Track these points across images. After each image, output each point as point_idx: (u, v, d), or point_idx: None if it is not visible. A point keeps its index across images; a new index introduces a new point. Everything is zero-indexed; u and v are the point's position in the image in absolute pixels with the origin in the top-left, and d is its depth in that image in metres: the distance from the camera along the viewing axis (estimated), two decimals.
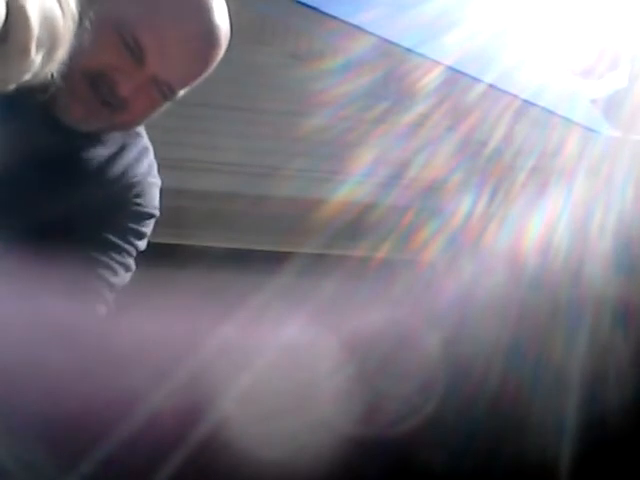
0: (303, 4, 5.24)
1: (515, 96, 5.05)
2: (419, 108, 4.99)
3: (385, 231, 4.82)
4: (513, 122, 5.02)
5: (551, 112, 5.06)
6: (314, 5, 5.23)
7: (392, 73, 5.15)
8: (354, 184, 4.82)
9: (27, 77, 1.01)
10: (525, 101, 5.06)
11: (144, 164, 1.57)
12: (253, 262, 4.85)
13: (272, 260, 4.79)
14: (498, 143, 4.96)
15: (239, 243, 5.01)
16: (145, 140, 1.59)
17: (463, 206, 4.88)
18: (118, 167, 1.52)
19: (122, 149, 1.53)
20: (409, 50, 5.18)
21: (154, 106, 1.48)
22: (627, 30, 2.62)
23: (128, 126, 1.49)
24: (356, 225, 4.79)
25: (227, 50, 1.64)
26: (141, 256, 1.71)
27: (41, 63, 1.01)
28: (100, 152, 1.51)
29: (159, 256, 4.89)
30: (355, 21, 5.16)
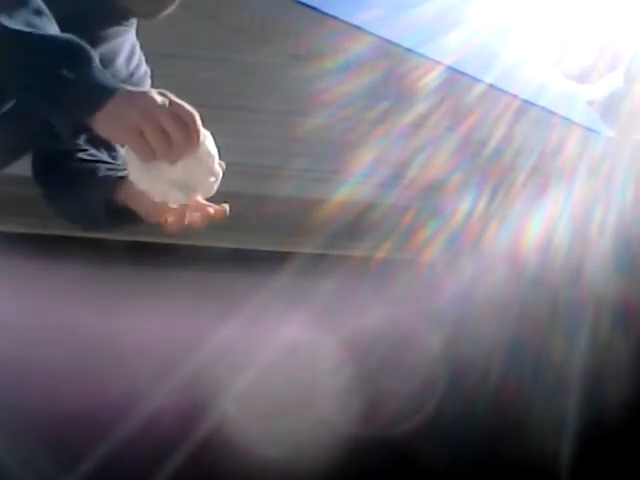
0: (303, 4, 5.24)
1: (515, 96, 5.05)
2: (419, 108, 4.99)
3: (385, 231, 4.82)
4: (513, 122, 5.01)
5: (551, 112, 5.06)
6: (314, 5, 5.23)
7: (392, 73, 5.15)
8: (354, 184, 4.81)
9: None
10: (525, 101, 5.06)
11: (143, 61, 1.92)
12: (253, 262, 4.85)
13: (272, 260, 4.79)
14: (498, 143, 4.95)
15: (239, 243, 5.00)
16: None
17: (463, 206, 4.88)
18: (135, 59, 1.87)
19: (134, 47, 1.87)
20: (409, 50, 5.18)
21: None
22: (623, 32, 2.63)
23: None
24: (356, 225, 4.78)
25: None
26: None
27: None
28: (126, 47, 1.83)
29: (159, 256, 4.90)
30: (355, 21, 5.16)
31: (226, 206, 1.45)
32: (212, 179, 1.44)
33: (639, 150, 3.64)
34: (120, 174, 1.59)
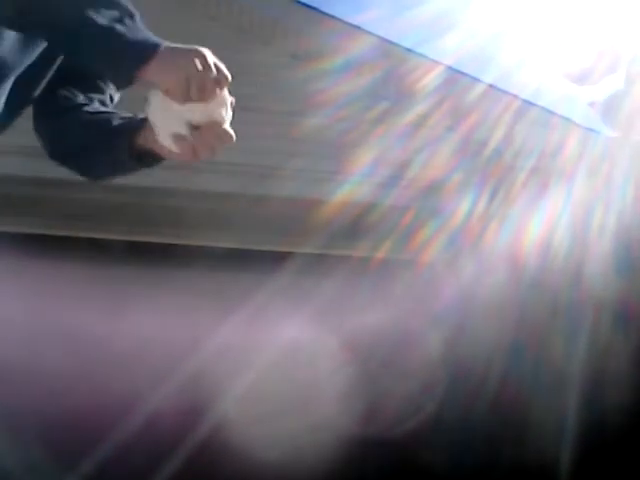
0: (303, 4, 5.24)
1: (515, 96, 5.05)
2: (419, 108, 4.98)
3: (385, 231, 4.82)
4: (513, 122, 5.01)
5: (551, 112, 5.06)
6: (314, 5, 5.23)
7: (392, 73, 5.15)
8: (354, 184, 4.81)
9: None
10: (525, 101, 5.06)
11: None
12: (253, 262, 4.85)
13: (272, 260, 4.79)
14: (498, 143, 4.95)
15: (239, 243, 5.00)
16: None
17: (463, 206, 4.88)
18: None
19: None
20: (409, 50, 5.18)
21: None
22: (623, 34, 2.63)
23: None
24: (356, 225, 4.78)
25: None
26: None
27: None
28: None
29: (159, 256, 4.90)
30: (355, 21, 5.15)
31: (231, 131, 1.71)
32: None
33: (639, 150, 3.64)
34: (141, 117, 1.72)
